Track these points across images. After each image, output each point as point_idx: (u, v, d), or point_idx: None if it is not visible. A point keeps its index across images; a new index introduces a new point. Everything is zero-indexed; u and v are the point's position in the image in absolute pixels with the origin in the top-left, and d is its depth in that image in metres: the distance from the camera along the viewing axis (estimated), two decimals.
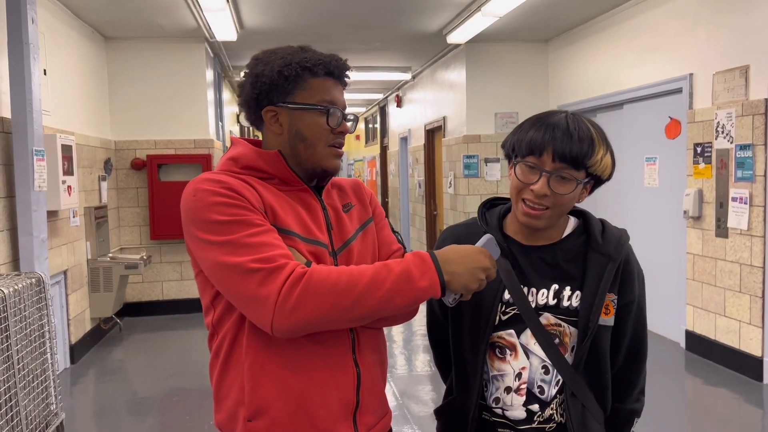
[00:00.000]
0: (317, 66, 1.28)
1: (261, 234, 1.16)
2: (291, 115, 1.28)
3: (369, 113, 14.24)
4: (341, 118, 1.30)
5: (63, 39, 5.06)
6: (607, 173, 1.29)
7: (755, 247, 4.09)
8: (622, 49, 5.61)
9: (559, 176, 1.23)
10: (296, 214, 1.28)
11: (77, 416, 3.91)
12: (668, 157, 5.07)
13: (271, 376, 1.22)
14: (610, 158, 1.30)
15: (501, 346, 1.33)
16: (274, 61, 1.28)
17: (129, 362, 5.09)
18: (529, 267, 1.32)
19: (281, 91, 1.27)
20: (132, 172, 6.30)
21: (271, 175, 1.29)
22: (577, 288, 1.30)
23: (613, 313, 1.31)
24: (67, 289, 4.91)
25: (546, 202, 1.25)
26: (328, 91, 1.29)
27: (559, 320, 1.30)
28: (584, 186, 1.29)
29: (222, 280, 1.17)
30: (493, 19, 5.53)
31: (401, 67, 8.75)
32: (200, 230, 1.18)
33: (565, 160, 1.22)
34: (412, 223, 10.42)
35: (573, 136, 1.22)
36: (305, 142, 1.29)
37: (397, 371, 4.60)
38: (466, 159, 7.04)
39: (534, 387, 1.31)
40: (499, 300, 1.32)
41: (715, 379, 4.25)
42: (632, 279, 1.35)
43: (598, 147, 1.25)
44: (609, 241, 1.32)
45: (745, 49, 4.18)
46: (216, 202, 1.17)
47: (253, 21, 5.88)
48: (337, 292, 1.12)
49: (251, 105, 1.31)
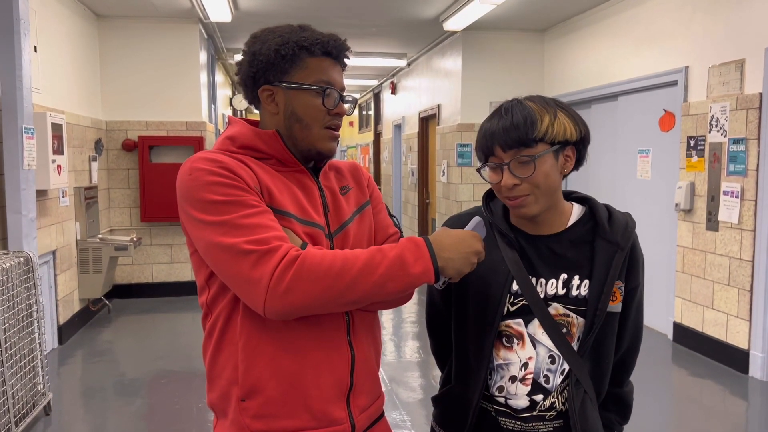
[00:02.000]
0: (315, 45, 1.26)
1: (256, 215, 1.15)
2: (287, 94, 1.27)
3: (363, 99, 14.17)
4: (338, 99, 1.28)
5: (54, 16, 4.98)
6: (571, 133, 1.26)
7: (745, 241, 4.12)
8: (619, 41, 5.60)
9: (516, 162, 1.24)
10: (293, 195, 1.26)
11: (64, 397, 3.89)
12: (661, 150, 5.08)
13: (265, 357, 1.22)
14: (564, 118, 1.26)
15: (509, 335, 1.32)
16: (272, 40, 1.26)
17: (117, 344, 5.07)
18: (536, 257, 1.32)
19: (278, 70, 1.26)
20: (123, 153, 6.24)
21: (268, 155, 1.28)
22: (585, 277, 1.30)
23: (620, 300, 1.31)
24: (56, 270, 4.87)
25: (522, 190, 1.25)
26: (326, 71, 1.28)
27: (567, 310, 1.30)
28: (556, 155, 1.26)
29: (215, 260, 1.16)
30: (490, 6, 5.49)
31: (397, 54, 8.71)
32: (195, 209, 1.17)
33: (512, 147, 1.24)
34: (404, 211, 10.41)
35: (508, 122, 1.24)
36: (300, 123, 1.27)
37: (386, 357, 4.61)
38: (459, 148, 7.03)
39: (540, 377, 1.31)
40: (507, 291, 1.31)
41: (702, 370, 4.29)
42: (638, 265, 1.35)
43: (538, 117, 1.24)
44: (616, 229, 1.31)
45: (741, 43, 4.18)
46: (212, 181, 1.16)
47: (248, 3, 5.82)
48: (331, 275, 1.11)
49: (248, 84, 1.30)
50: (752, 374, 4.09)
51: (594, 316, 1.28)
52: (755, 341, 4.07)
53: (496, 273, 1.31)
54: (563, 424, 1.31)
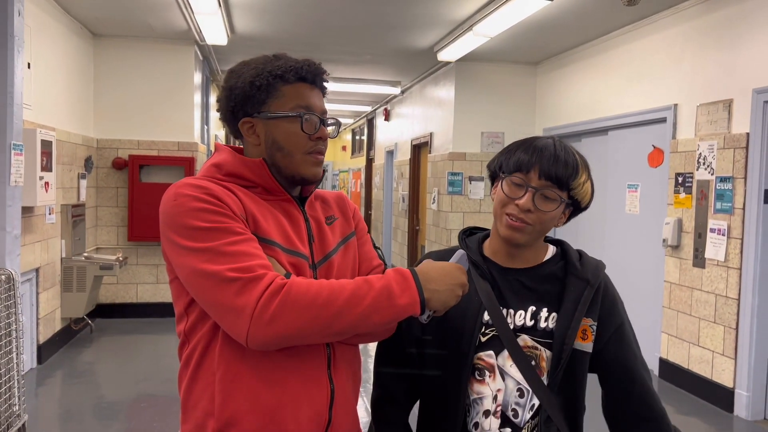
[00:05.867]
0: (288, 72, 1.26)
1: (241, 243, 1.14)
2: (266, 124, 1.27)
3: (356, 125, 14.25)
4: (319, 124, 1.28)
5: (50, 34, 5.00)
6: (586, 200, 1.36)
7: (731, 279, 4.13)
8: (610, 77, 5.68)
9: (543, 194, 1.28)
10: (278, 223, 1.26)
11: (41, 419, 3.81)
12: (650, 185, 5.12)
13: (244, 389, 1.19)
14: (590, 186, 1.36)
15: (480, 368, 1.33)
16: (247, 73, 1.26)
17: (98, 365, 4.98)
18: (507, 288, 1.34)
19: (255, 101, 1.26)
20: (113, 172, 6.21)
21: (254, 184, 1.27)
22: (553, 310, 1.32)
23: (591, 339, 1.31)
24: (38, 287, 4.81)
25: (529, 218, 1.29)
26: (302, 97, 1.27)
27: (535, 343, 1.31)
28: (564, 209, 1.33)
29: (198, 287, 1.14)
30: (484, 39, 5.57)
31: (391, 81, 8.78)
32: (179, 236, 1.15)
33: (550, 179, 1.28)
34: (394, 236, 10.40)
35: (559, 158, 1.29)
36: (282, 151, 1.27)
37: (370, 386, 4.55)
38: (450, 176, 7.05)
39: (508, 410, 1.30)
40: (480, 321, 1.32)
41: (687, 408, 4.27)
42: (615, 304, 1.36)
43: (581, 171, 1.32)
44: (587, 267, 1.35)
45: (728, 84, 4.24)
46: (197, 207, 1.15)
47: (245, 27, 5.86)
48: (317, 305, 1.10)
49: (229, 118, 1.30)
50: (737, 413, 4.07)
51: (561, 350, 1.29)
52: (740, 380, 4.07)
53: (469, 303, 1.33)
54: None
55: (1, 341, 3.27)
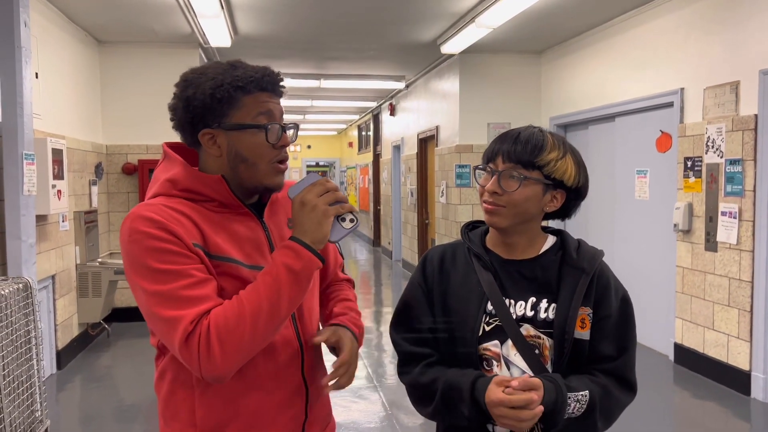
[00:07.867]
0: (249, 84, 1.24)
1: (194, 286, 1.15)
2: (228, 136, 1.25)
3: (362, 121, 14.25)
4: (281, 132, 1.27)
5: (56, 42, 5.04)
6: (569, 178, 1.34)
7: (744, 262, 4.12)
8: (615, 63, 5.65)
9: (508, 174, 1.32)
10: (236, 239, 1.26)
11: (63, 423, 3.86)
12: (659, 171, 5.10)
13: (224, 398, 1.25)
14: (572, 164, 1.35)
15: (488, 358, 1.36)
16: (205, 83, 1.24)
17: (116, 368, 5.04)
18: (508, 280, 1.38)
19: (215, 113, 1.24)
20: (123, 177, 6.27)
21: (210, 198, 1.26)
22: (552, 301, 1.35)
23: (588, 327, 1.34)
24: (55, 294, 4.87)
25: (500, 200, 1.33)
26: (263, 105, 1.26)
27: (538, 332, 1.34)
28: (545, 189, 1.33)
29: (154, 327, 1.20)
30: (487, 30, 5.56)
31: (395, 76, 8.78)
32: (136, 275, 1.17)
33: (511, 160, 1.32)
34: (404, 231, 10.42)
35: (520, 139, 1.33)
36: (246, 162, 1.25)
37: (386, 381, 4.58)
38: (458, 168, 7.05)
39: None
40: (483, 311, 1.36)
41: (704, 392, 4.26)
42: (607, 293, 1.36)
43: (548, 148, 1.32)
44: (583, 256, 1.37)
45: (735, 65, 4.22)
46: (151, 247, 1.15)
47: (248, 28, 5.88)
48: (247, 323, 1.13)
49: (186, 129, 1.28)
50: (754, 396, 4.07)
51: (562, 339, 1.31)
52: (756, 362, 4.05)
53: (473, 294, 1.37)
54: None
55: (21, 348, 3.32)
